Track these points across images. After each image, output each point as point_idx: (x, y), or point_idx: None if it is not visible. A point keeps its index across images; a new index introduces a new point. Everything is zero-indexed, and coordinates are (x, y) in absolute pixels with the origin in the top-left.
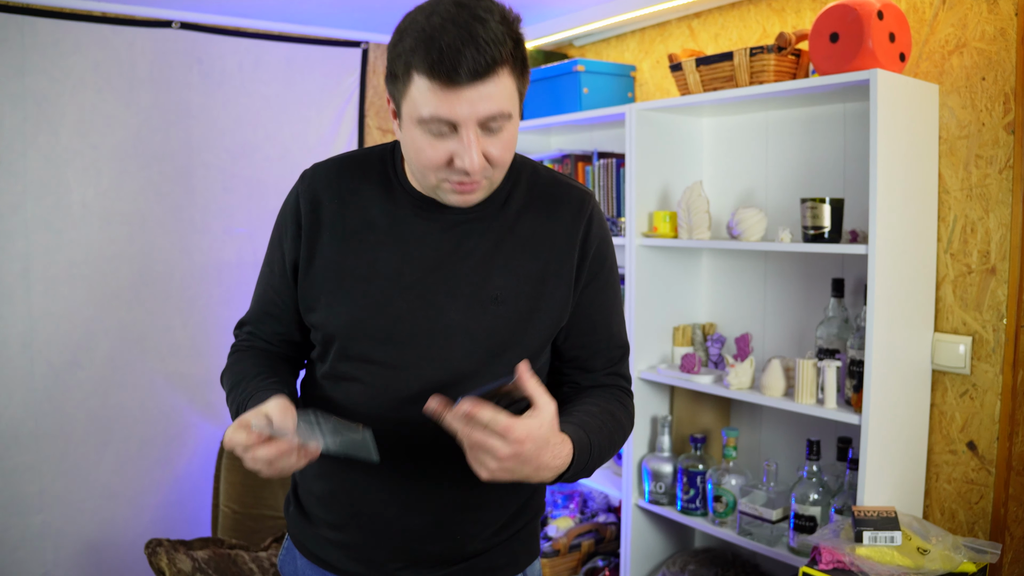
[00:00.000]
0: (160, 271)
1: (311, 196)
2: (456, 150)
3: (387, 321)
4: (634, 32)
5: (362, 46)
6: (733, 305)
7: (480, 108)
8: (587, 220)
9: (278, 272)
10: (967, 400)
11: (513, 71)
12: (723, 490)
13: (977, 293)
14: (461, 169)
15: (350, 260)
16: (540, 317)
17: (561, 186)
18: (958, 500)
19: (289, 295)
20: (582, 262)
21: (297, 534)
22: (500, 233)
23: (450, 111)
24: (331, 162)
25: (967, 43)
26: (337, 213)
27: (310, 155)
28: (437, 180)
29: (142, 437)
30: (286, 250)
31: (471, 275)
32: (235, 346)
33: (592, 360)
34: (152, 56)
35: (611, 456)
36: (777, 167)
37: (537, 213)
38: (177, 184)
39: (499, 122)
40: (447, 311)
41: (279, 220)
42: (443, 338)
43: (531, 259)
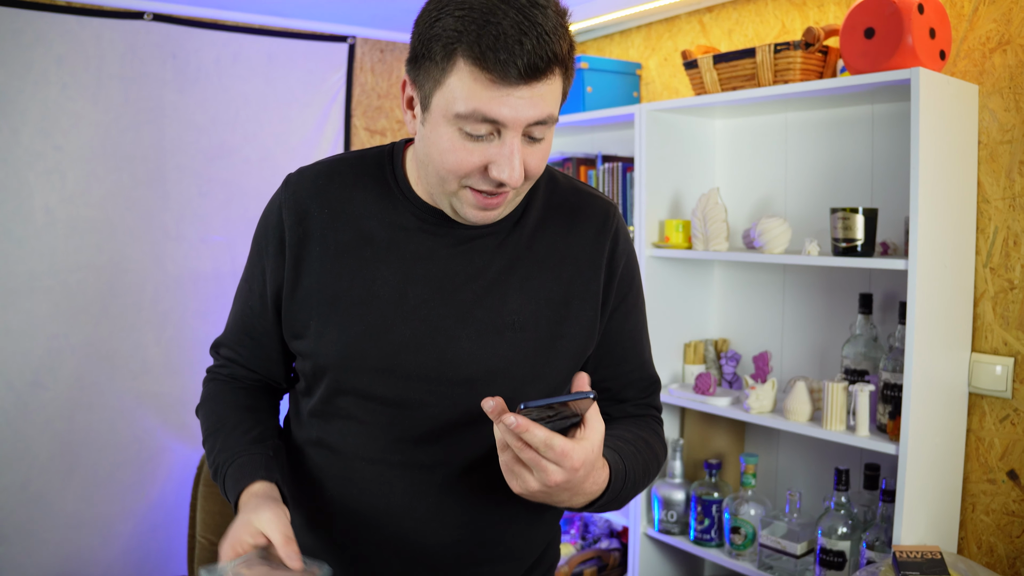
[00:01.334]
0: (131, 283)
1: (297, 206)
2: (494, 157)
3: (388, 350)
4: (640, 28)
5: (349, 41)
6: (748, 321)
7: (531, 111)
8: (613, 235)
9: (257, 292)
10: (1008, 426)
11: (565, 73)
12: (741, 520)
13: (1020, 311)
14: (496, 180)
15: (344, 280)
16: (564, 345)
17: (583, 196)
18: (997, 533)
19: (270, 318)
20: (609, 282)
21: None
22: (516, 250)
23: (497, 110)
24: (320, 166)
25: (1011, 40)
26: (328, 225)
27: (293, 157)
28: (458, 187)
29: (111, 462)
30: (267, 268)
31: (484, 298)
32: (211, 373)
33: (624, 391)
34: (122, 50)
35: (644, 487)
36: (798, 173)
37: (557, 227)
38: (149, 188)
39: (544, 129)
40: (458, 339)
41: (259, 232)
42: (453, 370)
43: (552, 279)
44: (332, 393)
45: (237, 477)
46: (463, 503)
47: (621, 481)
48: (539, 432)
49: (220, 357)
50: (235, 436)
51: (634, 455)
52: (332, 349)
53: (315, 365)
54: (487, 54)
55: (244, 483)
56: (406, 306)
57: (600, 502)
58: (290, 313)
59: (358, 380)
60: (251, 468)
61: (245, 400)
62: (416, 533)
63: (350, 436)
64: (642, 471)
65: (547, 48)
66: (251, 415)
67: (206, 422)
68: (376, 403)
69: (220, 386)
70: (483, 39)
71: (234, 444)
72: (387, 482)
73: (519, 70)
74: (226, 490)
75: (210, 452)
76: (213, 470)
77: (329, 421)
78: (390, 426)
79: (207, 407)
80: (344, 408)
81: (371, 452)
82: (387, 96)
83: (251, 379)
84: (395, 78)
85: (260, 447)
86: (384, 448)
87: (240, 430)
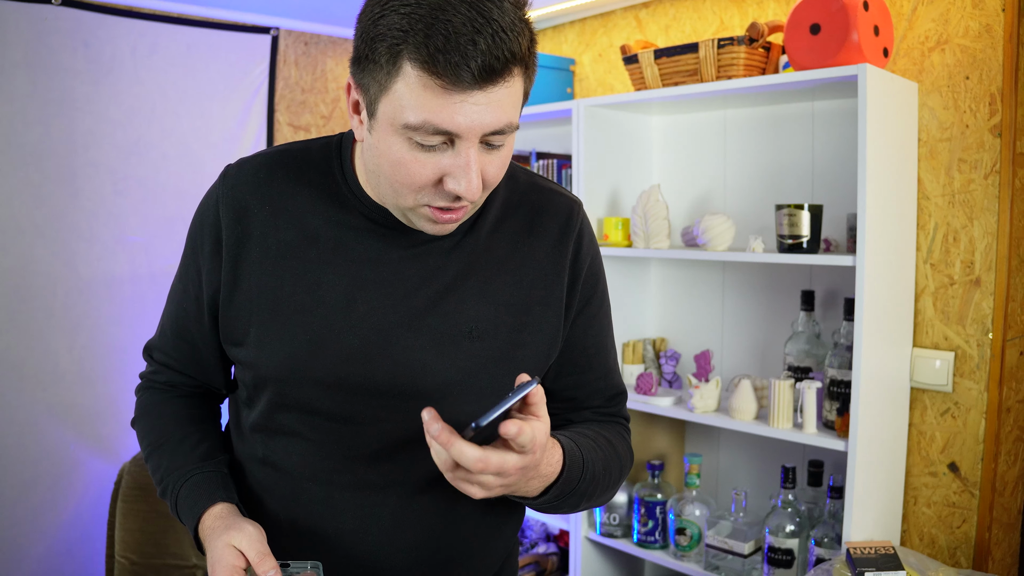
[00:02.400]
0: (40, 286)
1: (235, 201)
2: (449, 168)
3: (335, 361)
4: (573, 23)
5: (272, 32)
6: (686, 319)
7: (488, 118)
8: (577, 234)
9: (192, 293)
10: (948, 419)
11: (525, 73)
12: (687, 521)
13: (960, 306)
14: (452, 193)
15: (286, 284)
16: (526, 354)
17: (544, 193)
18: (938, 525)
19: (206, 322)
20: (573, 286)
21: None
22: (474, 252)
23: (450, 120)
24: (261, 157)
25: (949, 39)
26: (268, 223)
27: (213, 153)
28: (415, 203)
29: (21, 479)
30: (203, 269)
31: (439, 304)
32: (145, 380)
33: (587, 400)
34: (28, 36)
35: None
36: (737, 170)
37: (517, 227)
38: (59, 186)
39: (503, 136)
40: (411, 349)
41: (193, 229)
42: (407, 381)
43: (512, 284)
44: (274, 407)
45: (194, 498)
46: (418, 525)
47: (578, 469)
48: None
49: (154, 362)
50: (182, 452)
51: (593, 448)
52: (273, 360)
53: (255, 376)
54: (437, 57)
55: (203, 505)
56: (354, 313)
57: (557, 485)
58: (227, 319)
59: (302, 394)
60: (208, 488)
61: (186, 410)
62: (368, 558)
63: (295, 454)
64: (602, 466)
65: (504, 46)
66: (195, 427)
67: (147, 436)
68: (322, 419)
69: (157, 396)
70: (432, 39)
71: (183, 462)
72: (336, 504)
73: (473, 73)
74: (179, 510)
75: (155, 470)
76: (161, 488)
77: (272, 437)
78: (338, 444)
79: (146, 420)
80: (287, 424)
81: (318, 472)
82: (311, 91)
83: (189, 385)
84: (319, 72)
85: (212, 463)
86: (332, 468)
87: (187, 444)
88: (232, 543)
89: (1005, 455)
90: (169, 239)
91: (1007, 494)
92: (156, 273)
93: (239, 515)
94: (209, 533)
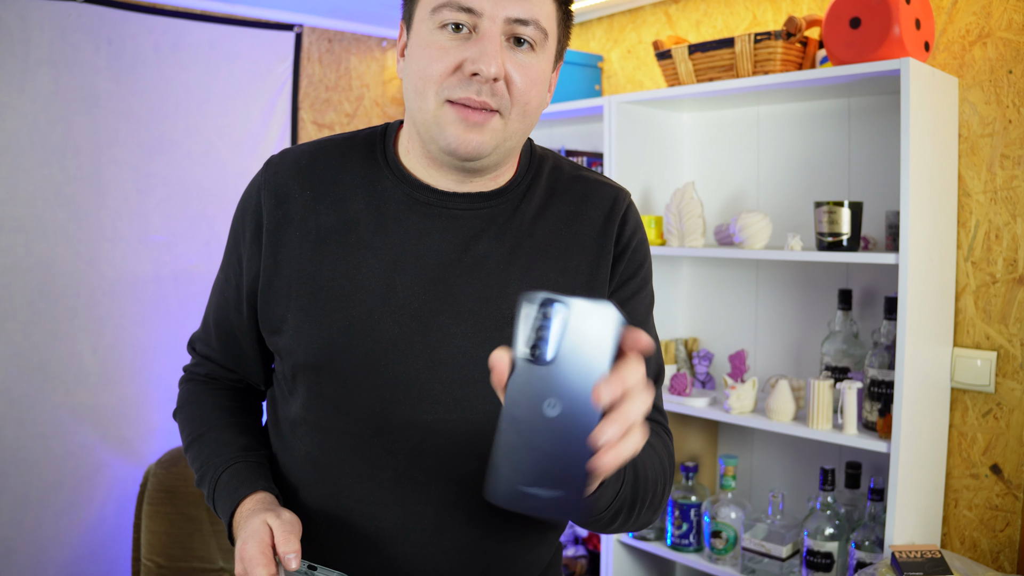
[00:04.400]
0: (63, 286)
1: (276, 187)
2: (472, 52)
3: (375, 349)
4: (601, 19)
5: (296, 29)
6: (719, 318)
7: (512, 5)
8: (620, 221)
9: (234, 282)
10: (991, 420)
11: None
12: (722, 524)
13: (1003, 305)
14: (471, 72)
15: (325, 269)
16: None
17: (589, 183)
18: (980, 528)
19: (247, 312)
20: (615, 268)
21: None
22: (516, 237)
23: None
24: (304, 146)
25: (991, 33)
26: (309, 208)
27: (237, 151)
28: (438, 102)
29: (45, 481)
30: (244, 256)
31: (482, 290)
32: (188, 372)
33: None
34: (52, 33)
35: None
36: (771, 167)
37: (561, 214)
38: (83, 184)
39: (531, 34)
40: (453, 336)
41: (236, 218)
42: (448, 371)
43: (556, 270)
44: (312, 398)
45: (235, 485)
46: (463, 525)
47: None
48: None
49: (196, 354)
50: (224, 441)
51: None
52: (312, 348)
53: (293, 365)
54: None
55: (244, 492)
56: (394, 299)
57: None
58: (266, 305)
59: (340, 384)
60: (250, 477)
61: (228, 402)
62: (410, 560)
63: (333, 448)
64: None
65: None
66: (237, 419)
67: (188, 426)
68: (361, 411)
69: (199, 387)
70: None
71: (225, 450)
72: (376, 502)
73: None
74: (216, 497)
75: (195, 458)
76: (199, 476)
77: (310, 431)
78: (377, 437)
79: (188, 410)
80: (325, 416)
81: (358, 466)
82: (335, 88)
83: (229, 379)
84: (344, 70)
85: (254, 454)
86: (372, 462)
87: (229, 435)
88: (268, 520)
89: None
90: (193, 238)
91: None
92: (179, 273)
93: (278, 503)
94: (247, 515)
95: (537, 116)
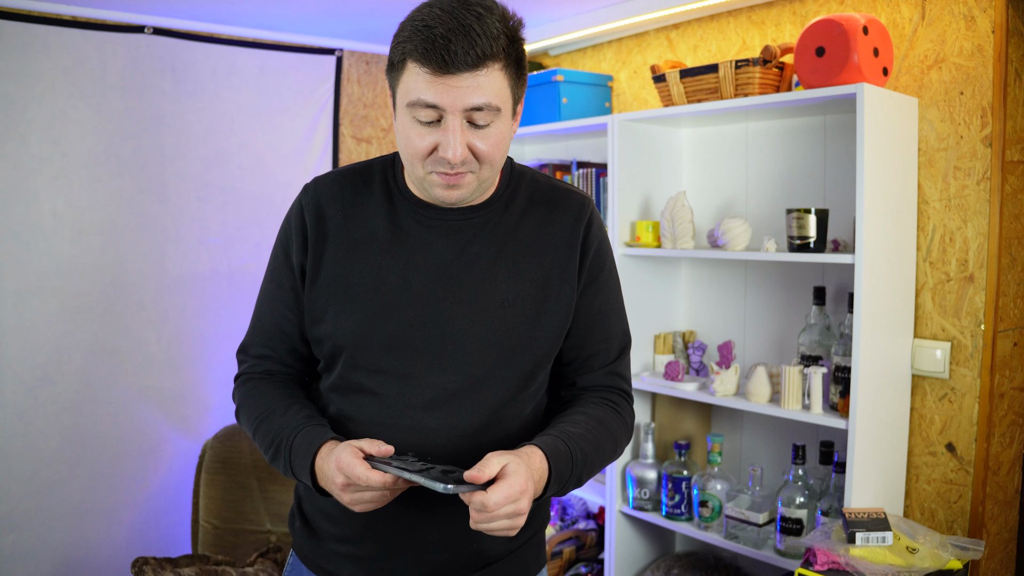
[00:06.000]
0: (133, 283)
1: (315, 208)
2: (440, 139)
3: (396, 329)
4: (611, 42)
5: (336, 53)
6: (713, 313)
7: (467, 98)
8: (586, 223)
9: (288, 286)
10: (946, 403)
11: (506, 69)
12: (709, 495)
13: (956, 300)
14: (444, 159)
15: (356, 270)
16: (547, 320)
17: (560, 191)
18: (937, 500)
19: (300, 311)
20: (582, 264)
21: (305, 550)
22: (503, 238)
23: (436, 96)
24: (333, 175)
25: (946, 58)
26: (341, 225)
27: (285, 164)
28: (424, 172)
29: (115, 453)
30: (295, 262)
31: (477, 281)
32: (244, 375)
33: (589, 360)
34: (124, 62)
35: (604, 461)
36: (757, 177)
37: (538, 218)
38: (150, 193)
39: (487, 116)
40: (455, 317)
41: (282, 235)
42: (453, 344)
43: (535, 263)
44: (348, 369)
45: (310, 439)
46: (465, 458)
47: (568, 461)
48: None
49: (250, 358)
50: (291, 415)
51: (583, 435)
52: (348, 329)
53: (334, 345)
54: (426, 53)
55: (320, 441)
56: (410, 291)
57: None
58: (311, 301)
59: (371, 356)
60: (321, 433)
61: (287, 390)
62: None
63: (365, 406)
64: (593, 448)
65: (476, 47)
66: (295, 401)
67: (253, 412)
68: (386, 376)
69: (257, 383)
70: (422, 43)
71: (291, 421)
72: (399, 444)
73: (451, 64)
74: (292, 456)
75: (265, 434)
76: (274, 447)
77: (346, 395)
78: (399, 395)
79: (250, 402)
80: (359, 381)
81: (384, 419)
82: (372, 106)
83: (285, 373)
84: (380, 89)
85: (317, 420)
86: (395, 415)
87: (293, 410)
88: (350, 443)
89: (999, 436)
90: (245, 241)
91: (1002, 473)
92: (233, 271)
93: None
94: (326, 454)
95: (503, 159)
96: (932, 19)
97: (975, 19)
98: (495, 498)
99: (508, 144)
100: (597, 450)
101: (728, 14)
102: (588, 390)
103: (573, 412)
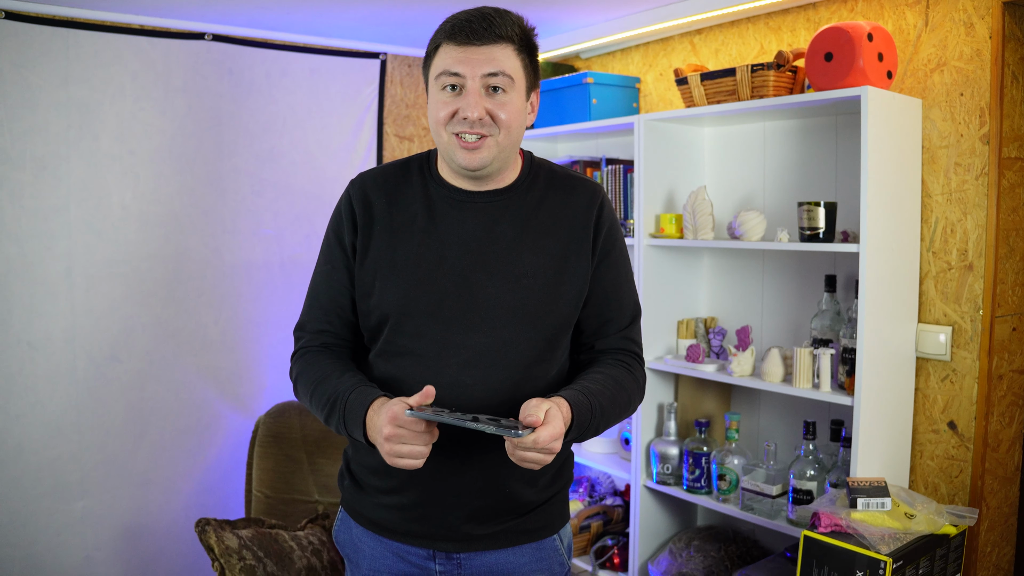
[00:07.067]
0: (193, 270)
1: (363, 197)
2: (461, 104)
3: (434, 298)
4: (638, 46)
5: (380, 57)
6: (733, 300)
7: (484, 66)
8: (599, 206)
9: (342, 266)
10: (948, 384)
11: (519, 53)
12: (726, 469)
13: (956, 287)
14: (464, 118)
15: (399, 249)
16: (565, 289)
17: (575, 179)
18: (940, 475)
19: (353, 289)
20: (596, 242)
21: (353, 504)
22: (526, 218)
23: (459, 65)
24: (376, 170)
25: (947, 62)
26: (385, 211)
27: (333, 160)
28: (448, 137)
29: (176, 427)
30: (347, 243)
31: (504, 256)
32: (300, 350)
33: (605, 326)
34: (186, 66)
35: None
36: (774, 173)
37: (556, 201)
38: (209, 187)
39: (501, 81)
40: (485, 287)
41: (334, 223)
42: (484, 310)
43: (554, 240)
44: (394, 334)
45: (364, 396)
46: (498, 412)
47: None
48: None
49: (308, 334)
50: (345, 378)
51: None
52: (394, 299)
53: (381, 315)
54: (450, 33)
55: (372, 397)
56: (445, 265)
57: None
58: (360, 278)
59: (414, 322)
60: (372, 392)
61: (341, 361)
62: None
63: (408, 368)
64: (609, 401)
65: (492, 28)
66: (349, 369)
67: (309, 379)
68: (427, 339)
69: (316, 354)
70: (451, 27)
71: (346, 382)
72: (440, 400)
73: (469, 37)
74: (346, 412)
75: (323, 394)
76: (329, 404)
77: (391, 359)
78: (439, 356)
79: (309, 370)
80: (404, 346)
81: (426, 377)
82: (414, 106)
83: (339, 346)
84: (420, 90)
85: (368, 383)
86: (436, 374)
87: (347, 375)
88: (400, 398)
89: (999, 416)
90: (296, 232)
91: (1002, 450)
92: (285, 261)
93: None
94: (378, 407)
95: (520, 133)
96: (935, 26)
97: (974, 26)
98: (544, 436)
99: (523, 121)
100: (613, 403)
101: (747, 20)
102: (605, 352)
103: (592, 371)
